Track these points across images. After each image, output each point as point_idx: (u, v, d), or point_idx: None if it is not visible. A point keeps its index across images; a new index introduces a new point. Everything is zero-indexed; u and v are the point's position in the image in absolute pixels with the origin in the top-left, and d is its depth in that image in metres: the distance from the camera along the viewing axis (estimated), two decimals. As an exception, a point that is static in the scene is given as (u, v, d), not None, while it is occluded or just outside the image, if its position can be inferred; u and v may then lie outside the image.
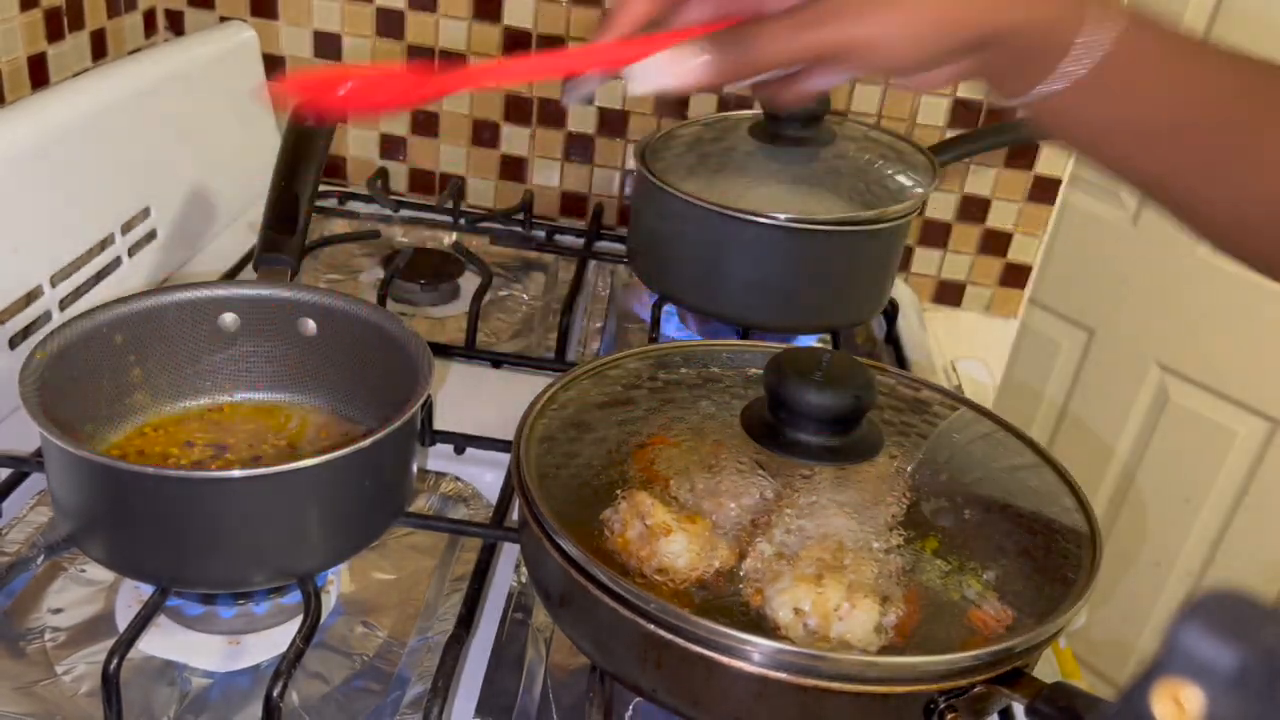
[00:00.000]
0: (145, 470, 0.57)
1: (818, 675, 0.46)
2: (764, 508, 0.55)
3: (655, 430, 0.60)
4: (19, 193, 0.78)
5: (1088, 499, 0.58)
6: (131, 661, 0.57)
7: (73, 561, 0.65)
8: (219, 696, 0.58)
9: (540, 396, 0.62)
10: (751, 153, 0.92)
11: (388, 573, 0.67)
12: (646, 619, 0.48)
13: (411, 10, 1.16)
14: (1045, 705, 0.46)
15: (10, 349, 0.77)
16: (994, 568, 0.53)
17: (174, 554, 0.57)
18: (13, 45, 0.88)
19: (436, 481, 0.74)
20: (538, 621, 0.64)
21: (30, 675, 0.57)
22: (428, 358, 0.64)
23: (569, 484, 0.56)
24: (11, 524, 0.65)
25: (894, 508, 0.55)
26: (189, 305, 0.69)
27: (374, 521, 0.62)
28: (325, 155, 0.83)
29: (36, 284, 0.80)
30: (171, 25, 1.17)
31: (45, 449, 0.57)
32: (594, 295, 1.04)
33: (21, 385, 0.57)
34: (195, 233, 1.04)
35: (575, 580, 0.50)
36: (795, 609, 0.49)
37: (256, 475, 0.55)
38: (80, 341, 0.64)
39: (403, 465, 0.63)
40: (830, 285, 0.90)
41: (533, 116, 1.20)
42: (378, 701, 0.58)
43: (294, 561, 0.59)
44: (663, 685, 0.50)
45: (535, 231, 1.15)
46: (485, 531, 0.67)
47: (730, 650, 0.47)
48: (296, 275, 0.75)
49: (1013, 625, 0.50)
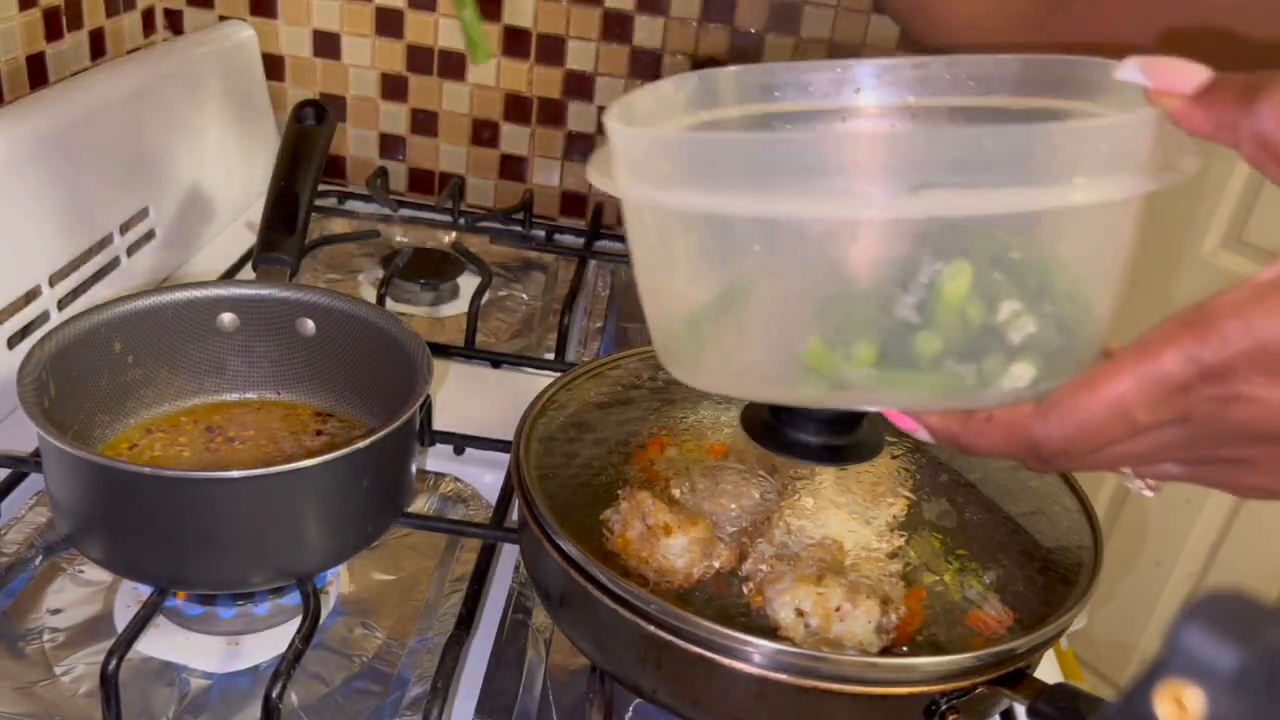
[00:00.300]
0: (143, 470, 0.56)
1: (818, 676, 0.46)
2: (764, 508, 0.54)
3: (655, 430, 0.60)
4: (17, 192, 0.78)
5: (1089, 499, 0.58)
6: (130, 662, 0.56)
7: (71, 562, 0.64)
8: (218, 697, 0.58)
9: (540, 396, 0.62)
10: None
11: (387, 573, 0.67)
12: (646, 620, 0.48)
13: (411, 9, 1.16)
14: (1046, 706, 0.46)
15: (9, 349, 0.77)
16: (995, 568, 0.53)
17: (172, 554, 0.57)
18: (11, 45, 0.88)
19: (436, 482, 0.74)
20: (537, 622, 0.64)
21: (29, 676, 0.57)
22: (427, 358, 0.64)
23: (569, 484, 0.56)
24: (10, 524, 0.65)
25: (895, 508, 0.55)
26: (188, 305, 0.69)
27: (373, 522, 0.62)
28: (325, 155, 0.84)
29: (35, 284, 0.80)
30: (170, 24, 1.17)
31: (43, 449, 0.57)
32: (594, 295, 1.04)
33: (20, 385, 0.57)
34: (194, 232, 1.04)
35: (575, 581, 0.50)
36: (796, 609, 0.49)
37: (255, 475, 0.55)
38: (79, 341, 0.64)
39: (402, 466, 0.63)
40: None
41: (532, 116, 1.20)
42: (377, 702, 0.58)
43: (293, 562, 0.59)
44: (663, 686, 0.50)
45: (535, 231, 1.15)
46: (485, 532, 0.66)
47: (730, 651, 0.47)
48: (296, 275, 0.75)
49: (1014, 626, 0.50)
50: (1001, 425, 0.39)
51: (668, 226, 0.41)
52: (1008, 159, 0.35)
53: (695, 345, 0.43)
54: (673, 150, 0.39)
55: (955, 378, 0.39)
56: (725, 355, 0.44)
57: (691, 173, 0.38)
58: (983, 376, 0.39)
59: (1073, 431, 0.37)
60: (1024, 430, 0.38)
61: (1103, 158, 0.36)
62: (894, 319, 0.38)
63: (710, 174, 0.38)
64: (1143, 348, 0.35)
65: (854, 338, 0.39)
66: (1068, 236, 0.39)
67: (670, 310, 0.44)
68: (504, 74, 1.18)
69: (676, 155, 0.39)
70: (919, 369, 0.39)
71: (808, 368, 0.40)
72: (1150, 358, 0.35)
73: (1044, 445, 0.38)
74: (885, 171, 0.36)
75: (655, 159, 0.39)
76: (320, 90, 1.21)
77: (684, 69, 1.15)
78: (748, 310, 0.42)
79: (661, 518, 0.52)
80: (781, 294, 0.41)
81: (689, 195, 0.38)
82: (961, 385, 0.39)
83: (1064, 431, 0.37)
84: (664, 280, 0.43)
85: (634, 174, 0.40)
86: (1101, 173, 0.36)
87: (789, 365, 0.41)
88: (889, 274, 0.38)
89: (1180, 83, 0.37)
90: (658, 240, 0.42)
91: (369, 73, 1.19)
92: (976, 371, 0.39)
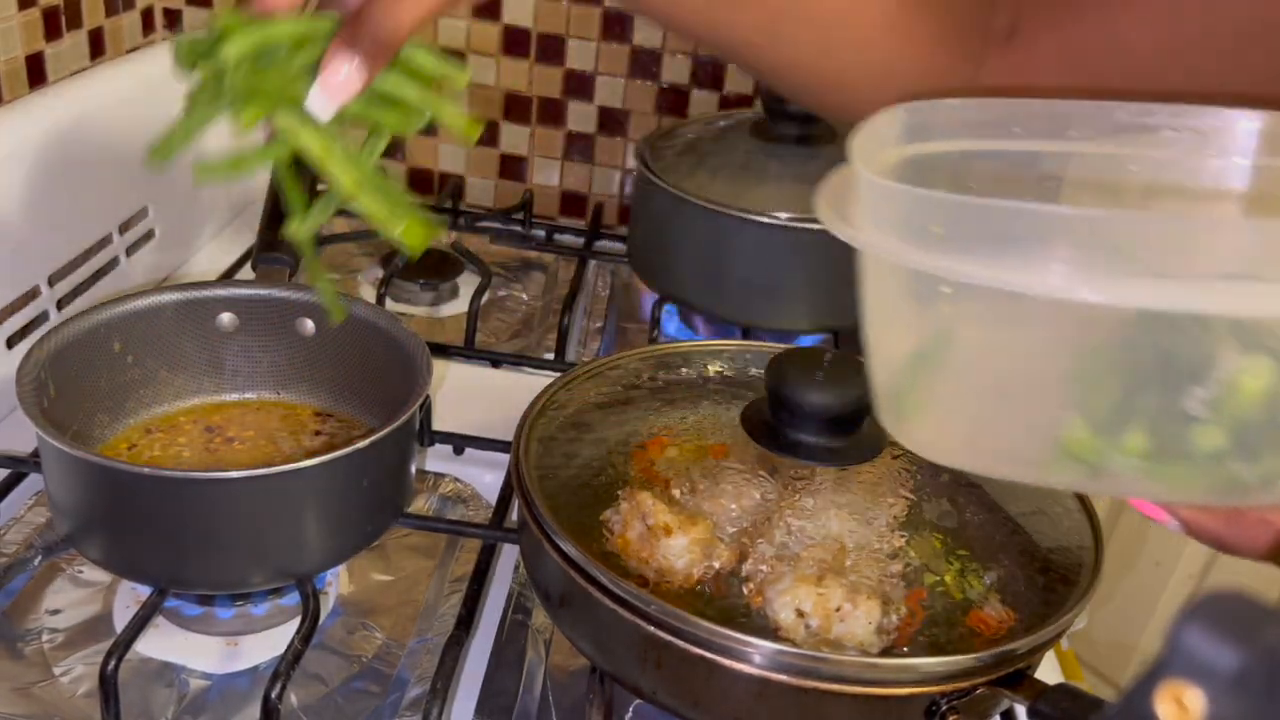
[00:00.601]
0: (143, 471, 0.56)
1: (818, 677, 0.46)
2: (765, 509, 0.54)
3: (655, 430, 0.60)
4: (17, 192, 0.78)
5: (1090, 499, 0.58)
6: (129, 663, 0.56)
7: (70, 562, 0.64)
8: (217, 698, 0.58)
9: (540, 396, 0.62)
10: (752, 152, 0.92)
11: (387, 574, 0.67)
12: (646, 620, 0.48)
13: (411, 10, 1.15)
14: (1047, 707, 0.46)
15: (8, 349, 0.77)
16: (996, 569, 0.53)
17: (172, 555, 0.57)
18: (10, 44, 0.88)
19: (436, 482, 0.74)
20: (537, 622, 0.64)
21: (28, 676, 0.57)
22: (427, 358, 0.64)
23: (569, 484, 0.56)
24: (9, 525, 0.65)
25: (895, 509, 0.55)
26: (187, 305, 0.69)
27: (373, 522, 0.62)
28: (324, 155, 0.83)
29: (34, 284, 0.80)
30: (170, 24, 1.17)
31: (42, 449, 0.57)
32: (594, 295, 1.04)
33: (19, 385, 0.57)
34: (193, 232, 1.04)
35: (575, 581, 0.50)
36: (796, 610, 0.49)
37: (254, 476, 0.54)
38: (78, 341, 0.64)
39: (402, 466, 0.63)
40: (831, 285, 0.89)
41: (532, 115, 1.20)
42: (377, 703, 0.58)
43: (292, 562, 0.59)
44: (663, 687, 0.50)
45: (535, 231, 1.15)
46: (484, 532, 0.66)
47: (731, 652, 0.47)
48: (295, 275, 0.74)
49: (1014, 626, 0.50)
50: (1278, 530, 0.37)
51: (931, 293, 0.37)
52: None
53: (940, 413, 0.41)
54: (948, 212, 0.35)
55: (1233, 476, 0.36)
56: (974, 429, 0.41)
57: (965, 238, 0.35)
58: (1265, 477, 0.36)
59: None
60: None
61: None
62: (1176, 410, 0.35)
63: (992, 242, 0.34)
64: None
65: (1125, 425, 0.36)
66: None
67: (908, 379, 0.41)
68: (504, 73, 1.18)
69: (952, 218, 0.35)
70: (1193, 463, 0.36)
71: (1068, 452, 0.38)
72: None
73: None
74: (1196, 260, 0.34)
75: (923, 218, 0.36)
76: (320, 90, 1.20)
77: (684, 69, 1.15)
78: (1009, 387, 0.39)
79: (662, 518, 0.52)
80: (1051, 373, 0.38)
81: (970, 266, 0.34)
82: (1238, 483, 0.37)
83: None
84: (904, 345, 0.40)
85: (893, 231, 0.36)
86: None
87: (1047, 447, 0.38)
88: (1181, 365, 0.35)
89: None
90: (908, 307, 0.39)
91: (369, 73, 1.19)
92: (1259, 471, 0.36)
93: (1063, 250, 0.33)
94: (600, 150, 1.20)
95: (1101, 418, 0.37)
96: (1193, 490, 0.38)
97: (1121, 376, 0.36)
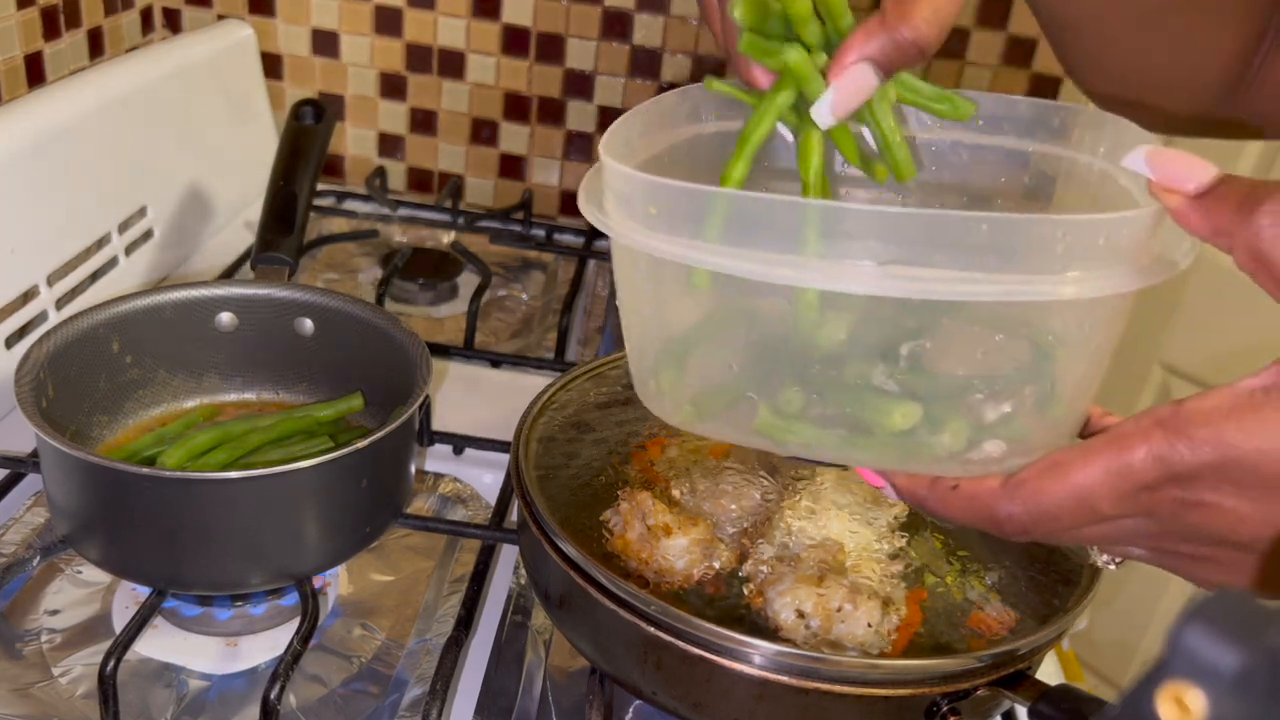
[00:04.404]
0: (142, 471, 0.56)
1: (819, 678, 0.46)
2: (765, 509, 0.54)
3: (655, 430, 0.60)
4: (16, 192, 0.78)
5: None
6: (128, 663, 0.56)
7: (69, 563, 0.64)
8: (216, 698, 0.57)
9: (540, 396, 0.61)
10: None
11: (386, 574, 0.67)
12: (646, 621, 0.48)
13: (410, 8, 1.16)
14: (1048, 707, 0.46)
15: (6, 349, 0.77)
16: (996, 569, 0.53)
17: (171, 555, 0.56)
18: (9, 44, 0.88)
19: (435, 482, 0.74)
20: (537, 623, 0.64)
21: (27, 677, 0.57)
22: (426, 358, 0.63)
23: (569, 484, 0.56)
24: (8, 525, 0.65)
25: (896, 509, 0.55)
26: (186, 304, 0.69)
27: (372, 523, 0.62)
28: (323, 154, 0.83)
29: (33, 283, 0.80)
30: (169, 23, 1.17)
31: (41, 450, 0.57)
32: (594, 295, 1.04)
33: (17, 385, 0.57)
34: (192, 232, 1.03)
35: (575, 582, 0.50)
36: (797, 610, 0.49)
37: (254, 476, 0.54)
38: (77, 341, 0.64)
39: (401, 466, 0.63)
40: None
41: (532, 115, 1.20)
42: (376, 703, 0.58)
43: (292, 563, 0.58)
44: (663, 687, 0.50)
45: (534, 231, 1.15)
46: (484, 533, 0.66)
47: (731, 652, 0.47)
48: (294, 274, 0.74)
49: (1015, 627, 0.50)
50: (966, 497, 0.39)
51: (652, 267, 0.41)
52: (1002, 247, 0.35)
53: (667, 382, 0.44)
54: (663, 196, 0.39)
55: (925, 446, 0.39)
56: (693, 395, 0.44)
57: (674, 219, 0.38)
58: (953, 448, 0.39)
59: (1035, 513, 0.37)
60: (987, 505, 0.38)
61: (1098, 251, 0.36)
62: (867, 386, 0.38)
63: (693, 224, 0.38)
64: (1114, 440, 0.35)
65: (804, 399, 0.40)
66: (1055, 324, 0.40)
67: (644, 346, 0.44)
68: (503, 73, 1.18)
69: (665, 201, 0.39)
70: (890, 435, 0.39)
71: (758, 431, 0.41)
72: (1121, 452, 0.35)
73: (1005, 523, 0.38)
74: (872, 246, 0.36)
75: (645, 200, 0.39)
76: (319, 89, 1.21)
77: (684, 68, 1.15)
78: (716, 357, 0.42)
79: (661, 518, 0.52)
80: (750, 347, 0.42)
81: (671, 244, 0.38)
82: (931, 453, 0.39)
83: (1027, 512, 0.37)
84: (645, 316, 0.44)
85: (626, 210, 0.40)
86: (1096, 265, 0.36)
87: (748, 421, 0.41)
88: (868, 344, 0.39)
89: (1184, 180, 0.36)
90: (638, 275, 0.43)
91: (368, 71, 1.19)
92: (947, 442, 0.39)
93: (772, 240, 0.36)
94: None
95: (783, 394, 0.41)
96: (891, 459, 0.41)
97: (809, 352, 0.40)
